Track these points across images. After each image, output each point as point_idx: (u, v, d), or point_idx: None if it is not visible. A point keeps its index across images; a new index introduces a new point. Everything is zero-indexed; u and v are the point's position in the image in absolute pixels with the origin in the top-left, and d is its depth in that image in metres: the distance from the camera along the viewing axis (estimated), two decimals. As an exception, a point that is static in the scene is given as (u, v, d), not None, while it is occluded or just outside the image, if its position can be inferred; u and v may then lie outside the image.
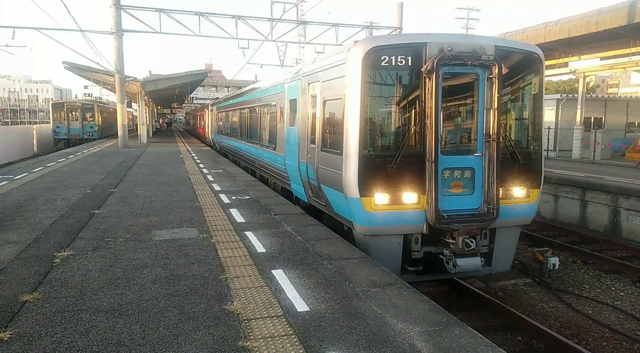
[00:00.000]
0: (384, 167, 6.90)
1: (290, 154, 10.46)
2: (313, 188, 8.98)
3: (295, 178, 10.20)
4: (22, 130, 34.44)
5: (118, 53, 25.61)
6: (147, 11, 25.24)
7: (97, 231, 7.61)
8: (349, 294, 5.06)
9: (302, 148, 9.46)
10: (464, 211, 7.13)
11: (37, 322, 4.30)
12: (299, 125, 9.71)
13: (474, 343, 4.02)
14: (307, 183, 9.23)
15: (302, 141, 9.46)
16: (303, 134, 9.38)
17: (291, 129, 10.39)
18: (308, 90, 9.14)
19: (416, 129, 7.00)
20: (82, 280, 5.38)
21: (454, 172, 7.13)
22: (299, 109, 9.70)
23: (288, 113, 10.72)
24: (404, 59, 6.83)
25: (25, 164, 18.79)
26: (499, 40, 7.47)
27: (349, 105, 7.05)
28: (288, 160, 10.66)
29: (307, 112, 9.12)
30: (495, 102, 6.88)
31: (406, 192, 6.95)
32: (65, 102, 41.51)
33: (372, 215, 6.98)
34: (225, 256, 6.38)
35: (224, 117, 24.42)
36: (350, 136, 7.03)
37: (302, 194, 10.06)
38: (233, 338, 4.03)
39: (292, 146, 10.27)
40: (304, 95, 9.38)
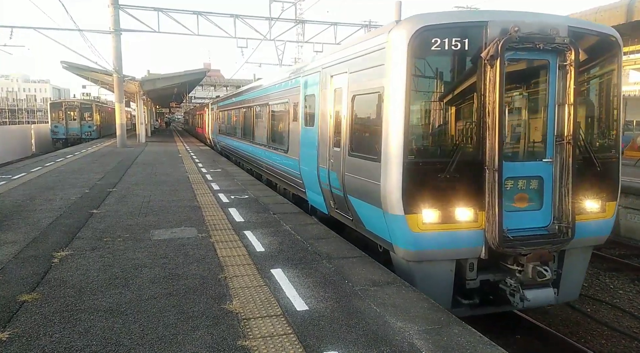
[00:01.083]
0: (435, 177, 5.65)
1: (306, 158, 9.15)
2: (337, 200, 7.70)
3: (313, 186, 8.88)
4: (20, 130, 34.41)
5: (116, 52, 25.60)
6: (146, 10, 25.23)
7: (95, 231, 7.60)
8: (348, 293, 5.06)
9: (322, 152, 8.17)
10: (530, 230, 5.86)
11: (36, 322, 4.29)
12: (318, 125, 8.43)
13: (473, 341, 4.03)
14: (329, 193, 7.93)
15: (322, 143, 8.19)
16: (324, 135, 8.11)
17: (308, 130, 9.09)
18: (330, 84, 7.87)
19: (474, 129, 5.79)
20: (80, 280, 5.38)
21: (518, 182, 5.85)
22: (318, 106, 8.43)
23: (304, 111, 9.42)
24: (459, 42, 5.58)
25: (23, 164, 18.77)
26: (572, 20, 6.20)
27: (390, 100, 5.78)
28: (304, 165, 9.36)
29: (329, 109, 7.88)
30: (570, 95, 5.66)
31: (461, 208, 5.71)
32: (64, 101, 41.49)
33: (418, 237, 5.71)
34: (224, 255, 6.38)
35: (226, 116, 22.85)
36: (391, 138, 5.75)
37: (320, 205, 8.75)
38: (232, 338, 4.03)
39: (308, 149, 8.95)
40: (325, 90, 8.10)
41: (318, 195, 8.69)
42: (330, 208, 8.23)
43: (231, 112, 21.01)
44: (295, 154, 9.98)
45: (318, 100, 8.47)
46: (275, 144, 12.37)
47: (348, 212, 7.30)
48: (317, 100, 8.53)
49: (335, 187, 7.59)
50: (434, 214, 5.68)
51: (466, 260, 5.94)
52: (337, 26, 27.89)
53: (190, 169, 16.88)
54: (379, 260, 6.47)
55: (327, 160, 7.88)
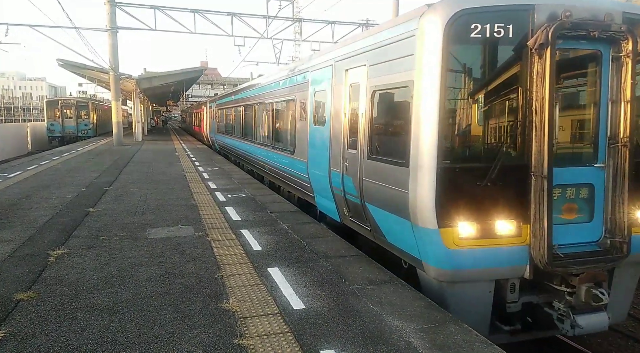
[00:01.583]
0: (473, 184, 4.94)
1: (315, 160, 8.43)
2: (352, 207, 7.00)
3: (323, 191, 8.15)
4: (16, 128, 34.21)
5: (113, 50, 25.51)
6: (142, 8, 25.19)
7: (92, 229, 7.58)
8: (345, 292, 5.07)
9: (334, 153, 7.44)
10: (580, 246, 5.14)
11: (32, 320, 4.28)
12: (329, 124, 7.69)
13: (469, 340, 4.04)
14: (342, 199, 7.21)
15: (334, 145, 7.46)
16: (336, 136, 7.37)
17: (318, 129, 8.33)
18: (345, 78, 7.10)
19: (518, 129, 5.07)
20: (76, 278, 5.36)
21: (566, 190, 5.12)
22: (330, 103, 7.68)
23: (313, 109, 8.65)
24: (502, 28, 4.85)
25: (19, 162, 18.69)
26: (627, 5, 5.46)
27: (421, 95, 5.03)
28: (312, 167, 8.62)
29: (344, 106, 7.13)
30: (627, 91, 4.98)
31: (502, 220, 4.99)
32: (60, 99, 41.32)
33: (454, 254, 4.96)
34: (221, 254, 6.37)
35: (226, 115, 21.98)
36: (422, 140, 5.00)
37: (332, 211, 8.01)
38: (229, 337, 4.02)
39: (318, 150, 8.23)
40: (338, 85, 7.35)
41: (329, 201, 7.95)
42: (343, 216, 7.54)
43: (231, 110, 20.23)
44: (302, 155, 9.22)
45: (330, 96, 7.72)
46: (279, 144, 11.53)
47: (366, 221, 6.55)
48: (328, 96, 7.80)
49: (351, 194, 6.86)
50: (471, 228, 4.95)
51: (507, 281, 5.20)
52: (334, 25, 27.92)
53: (187, 167, 16.85)
54: (400, 275, 5.84)
55: (340, 163, 7.15)
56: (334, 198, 7.67)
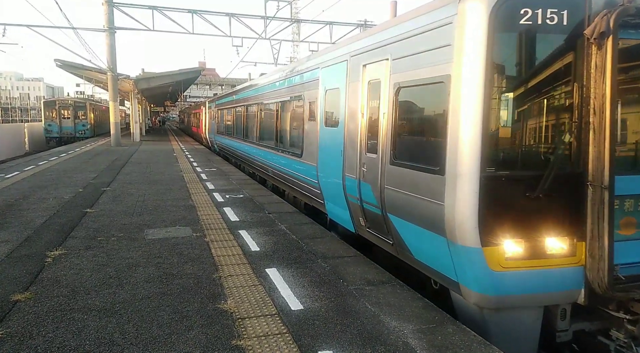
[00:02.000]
0: (522, 196, 4.29)
1: (327, 164, 7.77)
2: (370, 217, 6.35)
3: (335, 198, 7.51)
4: (14, 128, 34.13)
5: (110, 50, 25.48)
6: (140, 8, 25.15)
7: (89, 230, 7.56)
8: (343, 292, 5.07)
9: (349, 158, 6.79)
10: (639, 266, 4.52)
11: (29, 321, 4.26)
12: (344, 126, 7.04)
13: (467, 340, 4.04)
14: (359, 208, 6.60)
15: (349, 148, 6.80)
16: (352, 138, 6.71)
17: (330, 131, 7.66)
18: (362, 75, 6.44)
19: (573, 132, 4.39)
20: (74, 279, 5.35)
21: (624, 202, 4.50)
22: (345, 102, 7.01)
23: (324, 108, 7.98)
24: (555, 15, 4.21)
25: (16, 163, 18.64)
26: None
27: (461, 92, 4.36)
28: (323, 172, 7.98)
29: (361, 105, 6.46)
30: None
31: (553, 237, 4.36)
32: (57, 100, 41.24)
33: (500, 277, 4.33)
34: (218, 255, 6.36)
35: (226, 115, 21.20)
36: (462, 144, 4.33)
37: (345, 220, 7.37)
38: (226, 337, 4.02)
39: (330, 154, 7.53)
40: (354, 83, 6.69)
41: (342, 209, 7.30)
42: (358, 227, 6.88)
43: (232, 111, 19.40)
44: (311, 158, 8.56)
45: (344, 95, 7.04)
46: (285, 146, 10.78)
47: (387, 234, 5.89)
48: (342, 95, 7.12)
49: (369, 203, 6.22)
50: (519, 246, 4.31)
51: (557, 307, 4.59)
52: (332, 25, 27.93)
53: (185, 168, 16.83)
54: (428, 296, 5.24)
55: (356, 169, 6.52)
56: (348, 207, 7.02)
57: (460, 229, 4.37)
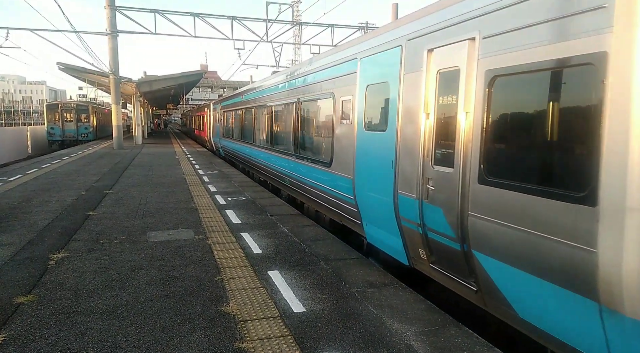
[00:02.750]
0: None
1: (368, 176, 6.44)
2: (439, 251, 4.96)
3: (380, 219, 6.20)
4: (16, 131, 34.27)
5: (113, 54, 25.58)
6: (142, 12, 25.26)
7: (92, 233, 7.58)
8: (345, 295, 5.06)
9: (405, 170, 5.44)
10: None
11: (32, 324, 4.27)
12: (395, 129, 5.66)
13: (469, 343, 4.03)
14: (419, 236, 5.23)
15: (405, 158, 5.45)
16: (409, 145, 5.36)
17: (372, 136, 6.33)
18: (428, 62, 5.02)
19: None
20: (77, 282, 5.36)
21: None
22: (397, 99, 5.64)
23: (364, 107, 6.61)
24: None
25: (19, 166, 18.69)
26: None
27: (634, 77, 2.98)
28: (362, 187, 6.62)
29: (424, 103, 5.06)
30: None
31: None
32: (60, 103, 41.39)
33: None
34: (221, 257, 6.37)
35: (233, 118, 19.65)
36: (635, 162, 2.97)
37: (394, 249, 6.00)
38: (229, 340, 4.02)
39: (373, 164, 6.24)
40: (414, 73, 5.30)
41: (391, 234, 5.97)
42: (416, 260, 5.56)
43: (240, 112, 17.87)
44: (344, 169, 7.27)
45: (397, 90, 5.66)
46: (307, 153, 9.44)
47: (468, 277, 4.55)
48: (393, 90, 5.74)
49: (438, 232, 4.86)
50: None
51: None
52: (334, 28, 27.99)
53: (187, 170, 16.86)
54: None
55: (417, 186, 5.16)
56: (401, 233, 5.68)
57: (630, 294, 2.96)
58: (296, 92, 10.24)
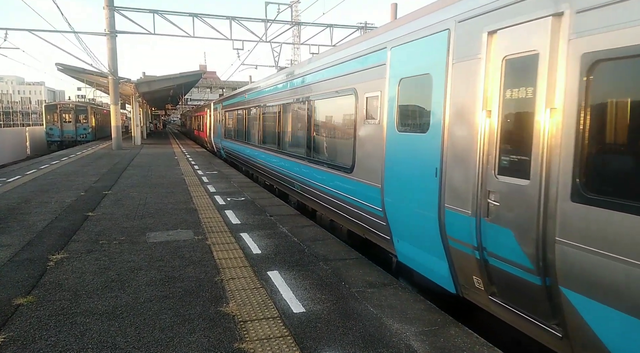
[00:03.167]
0: None
1: (402, 186, 5.54)
2: (505, 282, 4.02)
3: (417, 236, 5.31)
4: (15, 132, 34.23)
5: (111, 54, 25.56)
6: (141, 12, 25.23)
7: (91, 233, 7.57)
8: (345, 295, 5.06)
9: (455, 180, 4.54)
10: None
11: (31, 325, 4.27)
12: (441, 130, 4.76)
13: (469, 342, 4.03)
14: (476, 261, 4.32)
15: (455, 165, 4.54)
16: (461, 150, 4.46)
17: (407, 138, 5.42)
18: (488, 48, 4.11)
19: None
20: (76, 283, 5.35)
21: None
22: (443, 94, 4.74)
23: (395, 105, 5.72)
24: None
25: (18, 167, 18.67)
26: None
27: None
28: (394, 197, 5.73)
29: (483, 97, 4.17)
30: None
31: None
32: (59, 103, 41.37)
33: None
34: (220, 258, 6.37)
35: (236, 117, 18.72)
36: None
37: (437, 273, 5.07)
38: (229, 340, 4.02)
39: (410, 172, 5.34)
40: (467, 62, 4.39)
41: (432, 255, 5.08)
42: (467, 287, 4.65)
43: (244, 112, 16.87)
44: (369, 176, 6.42)
45: (443, 82, 4.76)
46: (323, 157, 8.55)
47: (550, 318, 3.66)
48: (438, 83, 4.85)
49: (506, 259, 3.91)
50: None
51: None
52: (332, 28, 27.99)
53: (186, 171, 16.85)
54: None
55: (473, 200, 4.27)
56: (448, 255, 4.79)
57: None
58: (309, 89, 9.27)
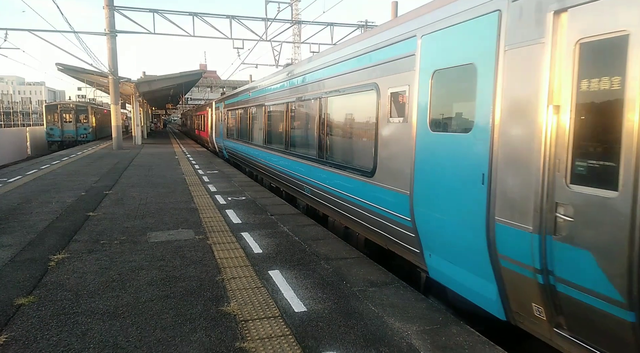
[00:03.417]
0: None
1: (436, 193, 4.90)
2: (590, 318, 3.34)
3: (456, 252, 4.67)
4: (16, 132, 34.25)
5: (112, 54, 25.55)
6: (141, 12, 25.21)
7: (92, 233, 7.57)
8: (346, 294, 5.06)
9: (508, 188, 3.90)
10: None
11: (33, 325, 4.27)
12: (490, 129, 4.10)
13: (471, 341, 4.03)
14: (540, 288, 3.66)
15: (510, 170, 3.89)
16: (516, 153, 3.81)
17: (446, 139, 4.74)
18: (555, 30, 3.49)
19: None
20: (77, 282, 5.35)
21: None
22: (492, 87, 4.07)
23: (428, 100, 5.04)
24: None
25: (19, 167, 18.67)
26: None
27: None
28: (425, 205, 5.11)
29: (549, 90, 3.52)
30: None
31: None
32: (59, 103, 41.35)
33: None
34: (221, 257, 6.37)
35: (240, 117, 17.97)
36: None
37: (480, 295, 4.45)
38: (230, 340, 4.02)
39: (446, 177, 4.69)
40: (526, 48, 3.73)
41: (476, 275, 4.45)
42: (523, 316, 4.01)
43: (249, 111, 16.19)
44: (395, 180, 5.78)
45: (492, 73, 4.07)
46: (337, 158, 7.93)
47: None
48: (485, 73, 4.16)
49: (585, 287, 3.29)
50: None
51: None
52: (333, 27, 27.96)
53: (187, 170, 16.85)
54: None
55: (536, 212, 3.61)
56: (498, 277, 4.15)
57: None
58: (321, 85, 8.60)
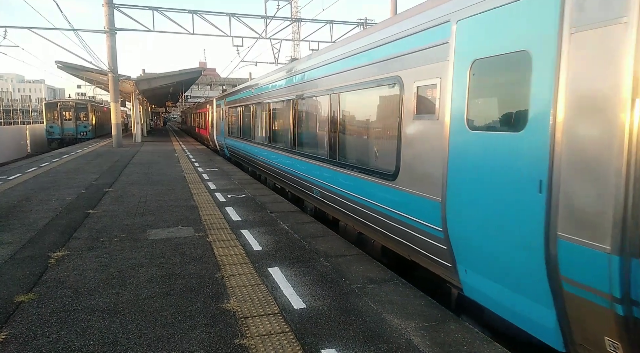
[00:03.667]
0: None
1: (476, 201, 4.28)
2: None
3: (503, 271, 4.05)
4: (15, 130, 34.22)
5: (111, 52, 25.53)
6: (141, 9, 25.17)
7: (92, 231, 7.58)
8: (346, 291, 5.08)
9: (575, 199, 3.28)
10: None
11: (33, 322, 4.28)
12: (548, 128, 3.47)
13: (469, 338, 4.04)
14: (618, 319, 3.08)
15: (578, 177, 3.27)
16: (587, 157, 3.21)
17: (489, 139, 4.11)
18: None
19: None
20: (77, 280, 5.37)
21: None
22: (553, 78, 3.45)
23: (465, 95, 4.43)
24: None
25: (19, 164, 18.68)
26: None
27: None
28: (462, 215, 4.51)
29: (632, 80, 2.90)
30: None
31: None
32: (59, 101, 41.35)
33: None
34: (221, 254, 6.38)
35: (243, 114, 17.28)
36: None
37: (534, 322, 3.79)
38: (230, 336, 4.03)
39: (491, 184, 4.08)
40: (599, 30, 3.13)
41: (529, 298, 3.79)
42: (592, 350, 3.40)
43: (252, 108, 15.40)
44: (423, 185, 5.14)
45: (553, 61, 3.47)
46: (352, 159, 7.28)
47: None
48: (543, 62, 3.55)
49: None
50: None
51: None
52: (332, 24, 27.93)
53: (186, 168, 16.86)
54: None
55: (611, 228, 3.05)
56: (559, 302, 3.53)
57: None
58: (333, 80, 7.90)
